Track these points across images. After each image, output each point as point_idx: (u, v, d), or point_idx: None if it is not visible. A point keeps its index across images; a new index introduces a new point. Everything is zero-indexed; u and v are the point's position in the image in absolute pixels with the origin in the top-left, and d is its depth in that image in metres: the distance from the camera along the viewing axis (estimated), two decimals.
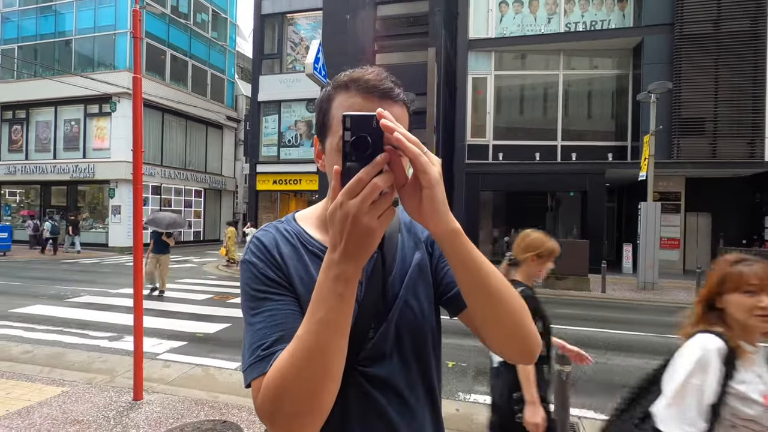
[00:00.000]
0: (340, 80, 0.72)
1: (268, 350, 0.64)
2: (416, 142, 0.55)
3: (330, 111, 0.72)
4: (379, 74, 0.70)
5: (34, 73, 19.59)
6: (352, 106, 0.68)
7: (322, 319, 0.56)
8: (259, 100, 17.30)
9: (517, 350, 0.70)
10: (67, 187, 19.45)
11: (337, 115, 0.69)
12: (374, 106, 0.66)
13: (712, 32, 12.54)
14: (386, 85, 0.69)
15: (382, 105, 0.67)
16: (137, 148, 3.61)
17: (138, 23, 3.71)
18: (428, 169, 0.55)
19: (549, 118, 14.59)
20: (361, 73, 0.70)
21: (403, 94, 0.72)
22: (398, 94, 0.71)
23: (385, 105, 0.68)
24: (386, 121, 0.53)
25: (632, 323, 7.08)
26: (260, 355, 0.64)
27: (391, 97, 0.70)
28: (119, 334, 5.78)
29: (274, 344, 0.64)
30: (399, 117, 0.69)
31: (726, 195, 13.98)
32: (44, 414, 3.32)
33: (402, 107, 0.72)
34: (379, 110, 0.54)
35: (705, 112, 12.61)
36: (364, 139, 0.53)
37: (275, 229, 0.79)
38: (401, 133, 0.54)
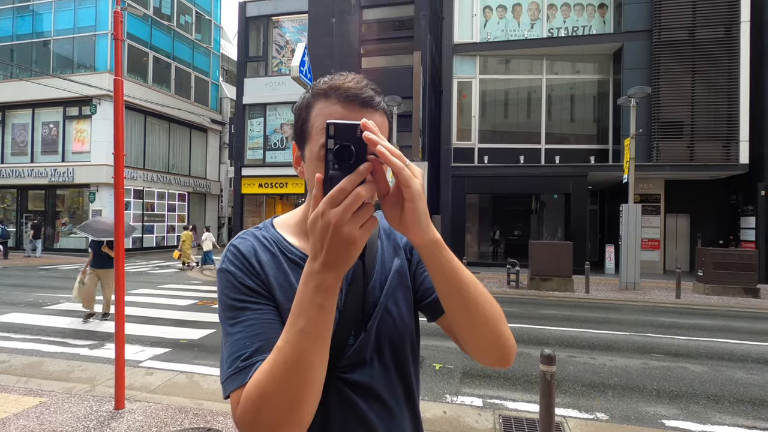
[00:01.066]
0: (319, 87, 0.71)
1: (247, 361, 0.63)
2: (399, 155, 0.55)
3: (309, 119, 0.71)
4: (360, 82, 0.69)
5: (10, 74, 19.07)
6: (332, 115, 0.67)
7: (302, 330, 0.56)
8: (244, 103, 17.15)
9: (493, 355, 0.71)
10: (46, 192, 18.93)
11: (317, 124, 0.69)
12: (355, 114, 0.67)
13: (688, 38, 12.93)
14: (367, 94, 0.68)
15: (362, 113, 0.67)
16: (119, 151, 3.55)
17: (119, 25, 3.65)
18: (411, 182, 0.55)
19: (533, 122, 14.82)
20: (341, 80, 0.69)
21: (384, 102, 0.72)
22: (379, 103, 0.70)
23: (365, 113, 0.68)
24: (370, 134, 0.53)
25: (615, 323, 7.22)
26: (239, 367, 0.63)
27: (372, 106, 0.69)
28: (100, 341, 5.65)
29: (253, 355, 0.63)
30: (380, 125, 0.69)
31: (704, 197, 14.39)
32: (21, 426, 3.22)
33: (382, 115, 0.71)
34: (364, 121, 0.54)
35: (683, 116, 12.97)
36: (348, 148, 0.53)
37: (253, 236, 0.77)
38: (384, 146, 0.53)
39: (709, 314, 8.18)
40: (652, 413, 3.77)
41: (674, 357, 5.35)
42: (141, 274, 12.69)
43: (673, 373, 4.77)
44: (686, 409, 3.85)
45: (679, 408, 3.88)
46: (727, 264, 10.15)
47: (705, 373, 4.79)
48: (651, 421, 3.61)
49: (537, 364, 4.75)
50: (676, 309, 8.66)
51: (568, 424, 3.42)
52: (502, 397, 4.07)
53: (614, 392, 4.20)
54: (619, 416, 3.70)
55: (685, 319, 7.67)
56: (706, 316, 7.94)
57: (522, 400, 3.99)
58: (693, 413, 3.78)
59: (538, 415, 2.76)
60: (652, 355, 5.39)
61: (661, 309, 8.63)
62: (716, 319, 7.67)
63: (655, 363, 5.10)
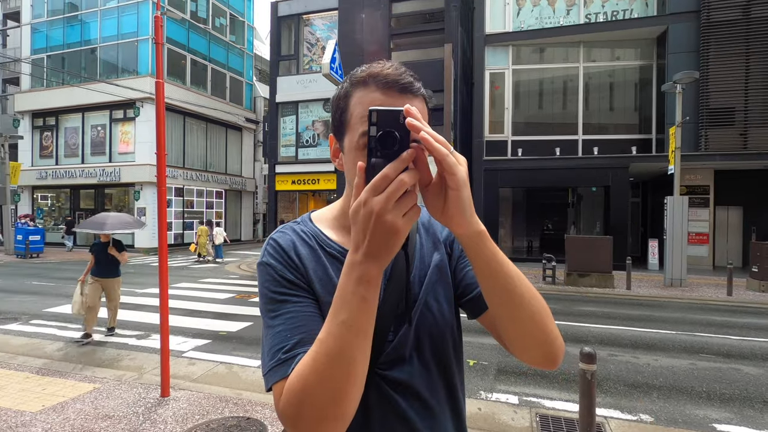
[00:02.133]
0: (357, 76, 0.70)
1: (289, 353, 0.63)
2: (443, 141, 0.53)
3: (348, 108, 0.70)
4: (398, 68, 0.68)
5: (62, 81, 20.31)
6: (372, 102, 0.66)
7: (344, 322, 0.55)
8: (276, 101, 17.50)
9: (539, 354, 0.68)
10: (95, 191, 20.12)
11: (356, 112, 0.68)
12: (394, 101, 0.66)
13: (741, 18, 12.05)
14: (406, 80, 0.67)
15: (402, 99, 0.66)
16: (161, 151, 3.70)
17: (159, 29, 3.80)
18: (456, 170, 0.54)
19: (569, 112, 14.28)
20: (379, 67, 0.68)
21: (423, 89, 0.71)
22: (419, 89, 0.69)
23: (405, 99, 0.67)
24: (413, 120, 0.52)
25: (659, 321, 6.88)
26: (281, 359, 0.63)
27: (412, 91, 0.68)
28: (146, 332, 5.95)
29: (294, 347, 0.63)
30: (420, 111, 0.67)
31: (758, 187, 13.41)
32: (77, 409, 3.45)
33: (422, 101, 0.70)
34: (407, 107, 0.52)
35: (735, 102, 12.13)
36: (391, 135, 0.52)
37: (292, 230, 0.78)
38: (428, 132, 0.52)
39: (765, 313, 7.65)
40: (701, 416, 3.57)
41: (726, 358, 5.04)
42: (182, 268, 13.27)
43: (724, 374, 4.50)
44: (740, 413, 3.62)
45: (731, 412, 3.65)
46: None
47: (761, 375, 4.48)
48: (700, 425, 3.42)
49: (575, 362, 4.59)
50: (727, 307, 8.15)
51: (610, 425, 3.30)
52: (538, 395, 3.98)
53: (659, 393, 4.01)
54: (665, 418, 3.53)
55: (737, 317, 7.21)
56: (761, 315, 7.42)
57: (560, 399, 3.88)
58: (747, 418, 3.55)
59: (578, 415, 2.67)
60: (700, 356, 5.11)
61: (711, 307, 8.15)
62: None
63: (704, 364, 4.82)
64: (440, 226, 0.84)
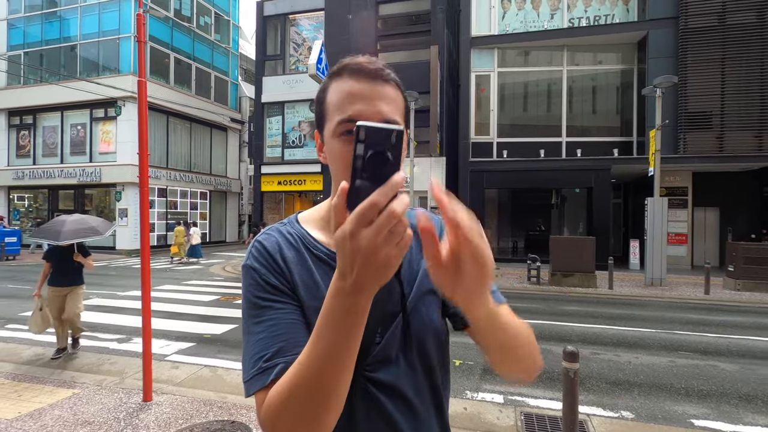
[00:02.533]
0: (333, 69, 0.72)
1: (270, 362, 0.63)
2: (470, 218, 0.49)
3: (325, 99, 0.72)
4: (370, 58, 0.70)
5: (40, 78, 19.77)
6: (344, 90, 0.68)
7: (328, 353, 0.53)
8: (262, 102, 17.36)
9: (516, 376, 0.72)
10: (75, 191, 19.63)
11: (332, 101, 0.69)
12: (365, 87, 0.67)
13: (717, 24, 12.42)
14: (377, 65, 0.69)
15: (374, 86, 0.68)
16: (143, 151, 3.64)
17: (142, 27, 3.73)
18: (488, 260, 0.50)
19: (553, 115, 14.51)
20: (351, 58, 0.71)
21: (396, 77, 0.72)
22: (389, 74, 0.70)
23: (377, 86, 0.68)
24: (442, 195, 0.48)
25: (640, 320, 7.03)
26: (262, 367, 0.63)
27: (382, 77, 0.69)
28: (128, 336, 5.83)
29: (275, 356, 0.63)
30: (392, 98, 0.69)
31: (734, 189, 13.84)
32: (55, 416, 3.36)
33: (395, 89, 0.71)
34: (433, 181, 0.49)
35: (711, 106, 12.49)
36: (382, 156, 0.47)
37: (278, 232, 0.77)
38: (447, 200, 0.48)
39: (741, 311, 7.89)
40: (680, 412, 3.66)
41: (703, 355, 5.18)
42: (165, 270, 13.04)
43: (702, 371, 4.62)
44: (717, 409, 3.73)
45: (709, 407, 3.76)
46: (759, 259, 9.75)
47: (736, 371, 4.62)
48: (679, 421, 3.51)
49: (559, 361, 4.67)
50: (705, 305, 8.38)
51: (593, 423, 3.35)
52: (523, 394, 4.03)
53: (640, 390, 4.10)
54: (645, 415, 3.61)
55: (714, 315, 7.41)
56: (737, 313, 7.66)
57: (544, 398, 3.94)
58: (724, 413, 3.65)
59: (561, 413, 2.72)
60: (679, 353, 5.24)
61: (689, 305, 8.37)
62: (748, 316, 7.38)
63: (683, 361, 4.95)
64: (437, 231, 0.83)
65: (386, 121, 0.67)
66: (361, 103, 0.67)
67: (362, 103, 0.67)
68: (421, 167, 13.86)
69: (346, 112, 0.67)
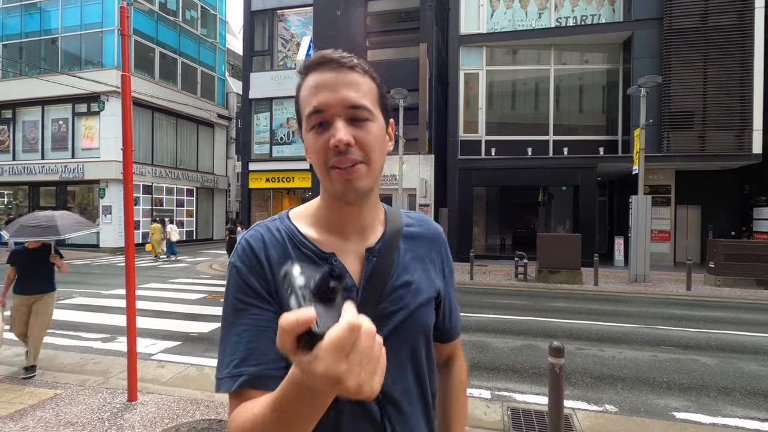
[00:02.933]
0: (301, 69, 0.73)
1: (237, 369, 0.65)
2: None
3: (299, 98, 0.72)
4: (337, 51, 0.70)
5: (20, 72, 19.25)
6: (310, 84, 0.69)
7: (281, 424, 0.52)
8: (250, 98, 17.17)
9: None
10: (57, 188, 19.19)
11: (302, 97, 0.71)
12: (328, 76, 0.68)
13: (699, 26, 12.66)
14: (338, 56, 0.69)
15: (337, 74, 0.68)
16: (127, 147, 3.57)
17: (126, 20, 3.66)
18: None
19: (541, 113, 14.65)
20: (316, 53, 0.71)
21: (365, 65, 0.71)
22: (351, 61, 0.69)
23: (340, 74, 0.68)
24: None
25: (624, 315, 7.17)
26: (231, 373, 0.66)
27: (346, 66, 0.69)
28: (112, 335, 5.74)
29: (242, 363, 0.65)
30: (358, 83, 0.69)
31: (715, 187, 14.17)
32: (37, 417, 3.29)
33: (362, 74, 0.70)
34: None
35: (694, 106, 12.74)
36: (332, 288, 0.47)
37: (266, 228, 0.76)
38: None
39: (720, 306, 8.09)
40: (662, 405, 3.75)
41: (684, 349, 5.31)
42: (151, 268, 12.85)
43: (683, 365, 4.74)
44: (697, 402, 3.83)
45: (689, 400, 3.85)
46: (739, 255, 10.01)
47: (716, 365, 4.75)
48: (661, 414, 3.59)
49: (545, 356, 4.75)
50: (686, 301, 8.58)
51: (577, 417, 3.41)
52: (510, 389, 4.08)
53: (624, 384, 4.19)
54: (628, 408, 3.68)
55: (695, 311, 7.60)
56: (717, 308, 7.85)
57: (530, 393, 3.99)
58: (704, 405, 3.75)
59: (547, 408, 2.76)
60: (662, 348, 5.36)
61: (672, 301, 8.55)
62: (727, 311, 7.58)
63: (665, 355, 5.06)
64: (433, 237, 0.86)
65: (354, 106, 0.67)
66: (323, 93, 0.67)
67: (324, 92, 0.67)
68: (409, 164, 13.87)
69: (312, 104, 0.68)
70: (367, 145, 0.68)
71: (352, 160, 0.67)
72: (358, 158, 0.67)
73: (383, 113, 0.73)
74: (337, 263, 0.73)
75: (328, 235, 0.76)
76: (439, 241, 0.86)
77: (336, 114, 0.67)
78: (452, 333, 0.91)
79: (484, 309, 7.44)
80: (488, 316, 6.97)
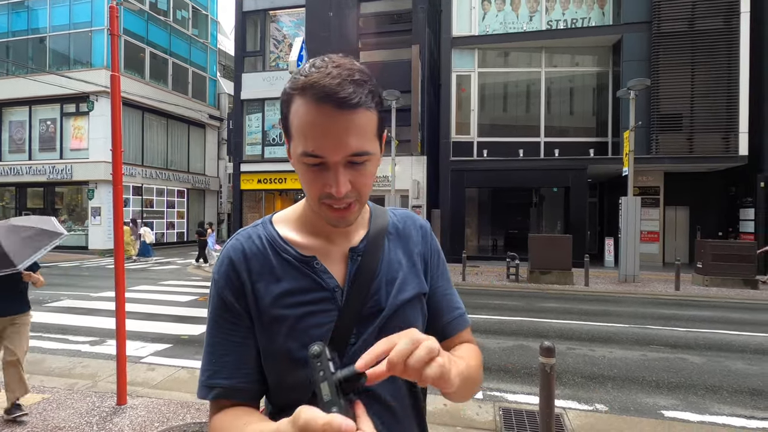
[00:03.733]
0: (298, 82, 0.63)
1: (211, 381, 0.71)
2: (427, 351, 0.54)
3: (289, 113, 0.65)
4: (339, 75, 0.61)
5: (6, 71, 18.95)
6: (307, 118, 0.62)
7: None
8: (242, 99, 17.08)
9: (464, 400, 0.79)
10: (44, 189, 18.90)
11: (295, 123, 0.64)
12: (328, 120, 0.61)
13: (687, 30, 12.87)
14: (344, 92, 0.60)
15: (338, 117, 0.61)
16: (116, 148, 3.54)
17: (115, 20, 3.62)
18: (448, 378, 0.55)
19: (532, 115, 14.77)
20: (319, 75, 0.61)
21: (369, 95, 0.63)
22: (359, 100, 0.61)
23: (342, 116, 0.61)
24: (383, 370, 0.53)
25: (614, 315, 7.25)
26: (207, 383, 0.71)
27: (350, 106, 0.61)
28: (101, 338, 5.66)
29: (215, 375, 0.71)
30: (362, 125, 0.63)
31: (703, 189, 14.39)
32: (24, 422, 3.23)
33: (366, 111, 0.63)
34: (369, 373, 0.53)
35: (682, 108, 12.94)
36: None
37: (247, 237, 0.76)
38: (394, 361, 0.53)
39: (708, 306, 8.22)
40: (651, 404, 3.79)
41: (673, 348, 5.38)
42: (141, 270, 12.71)
43: (671, 364, 4.80)
44: (685, 400, 3.88)
45: (677, 399, 3.91)
46: (726, 256, 10.17)
47: (704, 363, 4.82)
48: (650, 412, 3.64)
49: (536, 356, 4.77)
50: (675, 301, 8.70)
51: (568, 416, 3.44)
52: (501, 389, 4.10)
53: (613, 384, 4.23)
54: (618, 407, 3.72)
55: (684, 310, 7.70)
56: (704, 308, 7.97)
57: (522, 393, 4.02)
58: (692, 403, 3.80)
59: (538, 407, 2.78)
60: (651, 347, 5.42)
61: (661, 301, 8.66)
62: (715, 311, 7.70)
63: (654, 354, 5.13)
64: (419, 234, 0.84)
65: (354, 154, 0.63)
66: (324, 138, 0.62)
67: (326, 138, 0.62)
68: (402, 166, 13.90)
69: (309, 146, 0.63)
70: (362, 186, 0.67)
71: (346, 202, 0.67)
72: (352, 199, 0.67)
73: (380, 137, 0.70)
74: (318, 266, 0.73)
75: (312, 237, 0.76)
76: (426, 236, 0.85)
77: (336, 162, 0.63)
78: (453, 326, 0.83)
79: (476, 309, 7.47)
80: (480, 316, 7.00)
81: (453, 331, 0.82)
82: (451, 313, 0.83)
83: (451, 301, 0.84)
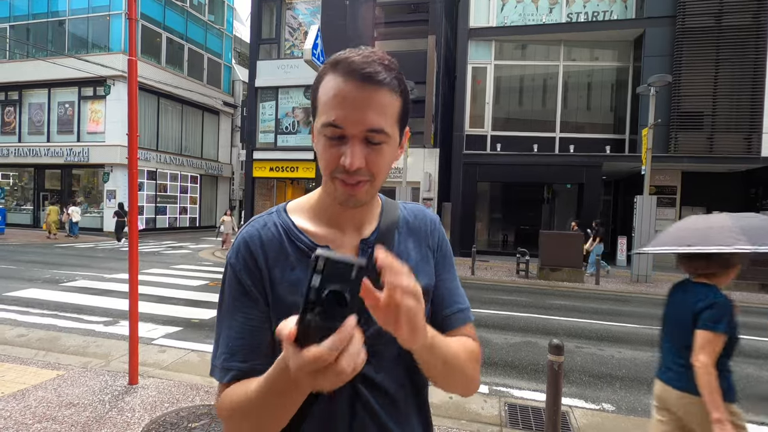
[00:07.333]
0: (331, 59, 0.68)
1: (228, 363, 0.71)
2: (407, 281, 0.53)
3: (318, 90, 0.69)
4: (368, 56, 0.65)
5: (26, 53, 19.23)
6: (334, 89, 0.65)
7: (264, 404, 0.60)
8: (256, 86, 17.09)
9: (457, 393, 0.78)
10: (62, 171, 19.27)
11: (323, 98, 0.67)
12: (354, 91, 0.64)
13: (713, 25, 12.47)
14: (370, 69, 0.64)
15: (363, 90, 0.64)
16: (132, 132, 3.57)
17: (133, 4, 3.63)
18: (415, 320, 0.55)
19: (548, 110, 14.53)
20: (350, 53, 0.66)
21: (395, 78, 0.67)
22: (384, 79, 0.65)
23: (366, 90, 0.64)
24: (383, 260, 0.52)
25: (625, 315, 7.16)
26: (222, 366, 0.71)
27: (374, 81, 0.64)
28: (114, 318, 5.79)
29: (230, 359, 0.71)
30: (384, 104, 0.65)
31: (721, 189, 14.05)
32: (39, 397, 3.33)
33: (390, 92, 0.66)
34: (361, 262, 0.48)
35: (703, 106, 12.60)
36: (340, 296, 0.45)
37: (263, 225, 0.76)
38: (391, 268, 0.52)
39: None
40: None
41: None
42: (154, 254, 12.92)
43: None
44: None
45: None
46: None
47: None
48: None
49: (544, 353, 4.76)
50: None
51: (574, 414, 3.42)
52: (507, 384, 4.09)
53: (622, 384, 4.19)
54: (625, 407, 3.69)
55: None
56: None
57: (528, 389, 4.00)
58: None
59: (544, 404, 2.77)
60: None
61: None
62: None
63: None
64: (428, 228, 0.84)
65: (373, 130, 0.65)
66: (346, 109, 0.64)
67: (348, 109, 0.64)
68: (414, 158, 13.82)
69: (330, 116, 0.65)
70: (376, 167, 0.68)
71: (357, 179, 0.67)
72: (365, 178, 0.68)
73: (401, 127, 0.71)
74: None
75: (325, 227, 0.76)
76: (435, 230, 0.85)
77: (354, 135, 0.65)
78: (452, 321, 0.81)
79: (484, 304, 7.45)
80: (488, 311, 6.98)
81: (452, 326, 0.81)
82: (452, 307, 0.82)
83: (454, 295, 0.83)
